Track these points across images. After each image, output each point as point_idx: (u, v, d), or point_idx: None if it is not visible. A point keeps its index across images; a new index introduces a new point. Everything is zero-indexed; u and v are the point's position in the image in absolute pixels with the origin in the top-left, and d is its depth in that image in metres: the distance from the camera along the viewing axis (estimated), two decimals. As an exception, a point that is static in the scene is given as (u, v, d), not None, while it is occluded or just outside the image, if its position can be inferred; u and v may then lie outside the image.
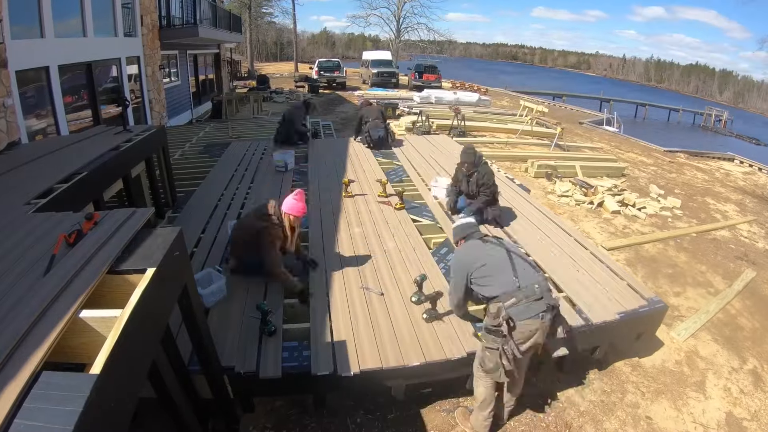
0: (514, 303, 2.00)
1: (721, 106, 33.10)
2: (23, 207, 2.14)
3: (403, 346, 2.34)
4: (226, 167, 5.45)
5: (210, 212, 4.04)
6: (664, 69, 69.87)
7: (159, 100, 8.69)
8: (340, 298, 2.77)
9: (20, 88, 4.59)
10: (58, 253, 1.44)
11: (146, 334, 1.33)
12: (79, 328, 1.22)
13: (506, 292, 2.03)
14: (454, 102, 13.47)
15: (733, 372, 3.03)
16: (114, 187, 3.24)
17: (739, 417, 2.64)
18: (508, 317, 1.96)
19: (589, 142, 10.79)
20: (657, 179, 7.92)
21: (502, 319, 1.97)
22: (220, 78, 14.90)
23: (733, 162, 11.09)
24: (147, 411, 1.56)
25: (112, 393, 1.05)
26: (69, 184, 2.52)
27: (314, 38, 66.47)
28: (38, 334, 1.11)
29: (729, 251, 5.11)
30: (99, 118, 6.28)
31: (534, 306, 1.99)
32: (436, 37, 28.74)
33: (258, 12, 31.07)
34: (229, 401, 2.05)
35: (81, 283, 1.31)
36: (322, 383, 2.18)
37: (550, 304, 2.02)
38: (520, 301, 2.00)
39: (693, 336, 3.38)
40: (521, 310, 1.99)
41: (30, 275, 1.36)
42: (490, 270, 2.12)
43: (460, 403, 2.49)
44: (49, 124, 5.19)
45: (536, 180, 6.94)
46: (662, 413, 2.60)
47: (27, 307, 1.21)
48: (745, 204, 7.22)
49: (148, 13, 8.16)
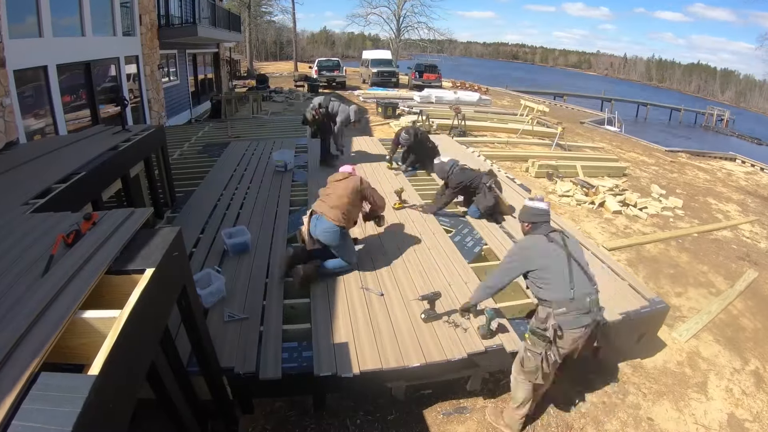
0: (563, 312, 2.00)
1: (723, 105, 33.00)
2: (21, 207, 2.13)
3: (403, 347, 2.33)
4: (225, 167, 5.44)
5: (209, 212, 4.04)
6: (665, 68, 69.76)
7: (158, 100, 8.69)
8: (340, 298, 2.76)
9: (18, 87, 4.59)
10: (56, 253, 1.43)
11: (145, 334, 1.32)
12: (78, 328, 1.21)
13: (558, 300, 2.02)
14: (455, 101, 13.46)
15: (735, 373, 3.02)
16: (113, 187, 3.23)
17: (741, 418, 2.63)
18: (557, 326, 1.99)
19: (590, 141, 10.77)
20: (658, 179, 7.90)
21: (551, 326, 1.99)
22: (219, 77, 14.89)
23: (735, 162, 11.05)
24: (146, 412, 1.55)
25: (111, 394, 1.04)
26: (67, 184, 2.51)
27: (314, 37, 66.50)
28: (36, 334, 1.10)
29: (731, 251, 5.09)
30: (97, 117, 6.29)
31: (582, 318, 2.01)
32: (437, 36, 28.70)
33: (257, 11, 31.03)
34: (228, 402, 2.04)
35: (79, 283, 1.30)
36: (322, 384, 2.17)
37: (596, 320, 2.04)
38: (569, 312, 2.00)
39: (695, 337, 3.36)
40: (569, 321, 2.00)
41: (28, 276, 1.36)
42: (549, 273, 2.07)
43: (460, 404, 2.48)
44: (47, 124, 5.20)
45: (537, 180, 6.92)
46: (664, 414, 2.59)
47: (25, 308, 1.20)
48: (747, 204, 7.19)
49: (147, 12, 8.15)
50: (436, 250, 3.45)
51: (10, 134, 4.36)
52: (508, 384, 2.65)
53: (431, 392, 2.51)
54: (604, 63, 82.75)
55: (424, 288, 2.87)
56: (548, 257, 2.09)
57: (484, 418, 2.41)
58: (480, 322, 2.51)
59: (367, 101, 14.12)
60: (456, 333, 2.46)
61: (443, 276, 3.08)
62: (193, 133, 7.72)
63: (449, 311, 2.63)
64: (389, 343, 2.36)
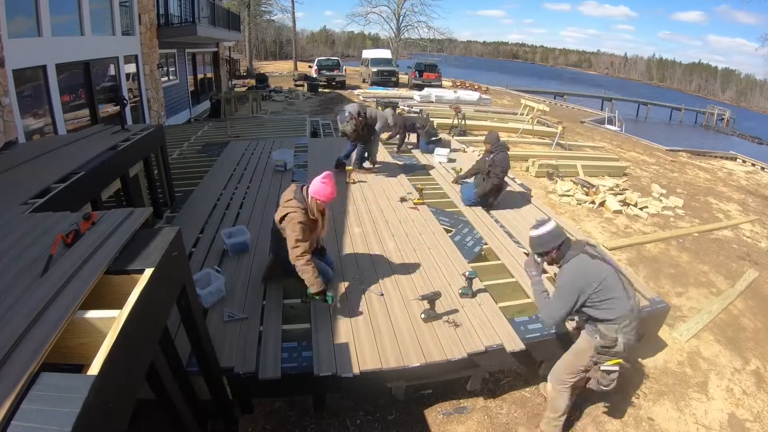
0: (628, 325, 1.98)
1: (724, 104, 32.95)
2: (20, 207, 2.12)
3: (403, 347, 2.33)
4: (224, 167, 5.43)
5: (209, 212, 4.03)
6: (666, 67, 69.68)
7: (157, 99, 8.67)
8: (340, 298, 2.75)
9: (17, 87, 4.58)
10: (55, 253, 1.43)
11: (145, 334, 1.32)
12: (77, 328, 1.21)
13: (623, 316, 1.98)
14: (455, 101, 13.45)
15: (736, 373, 3.01)
16: (112, 187, 3.22)
17: (741, 418, 2.62)
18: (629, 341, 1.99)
19: (590, 141, 10.76)
20: (659, 178, 7.89)
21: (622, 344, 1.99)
22: (219, 77, 14.86)
23: (736, 161, 11.04)
24: (145, 412, 1.55)
25: (110, 394, 1.04)
26: (66, 184, 2.50)
27: (314, 36, 66.24)
28: (36, 335, 1.10)
29: (731, 251, 5.08)
30: (97, 117, 6.28)
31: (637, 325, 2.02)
32: (437, 36, 28.64)
33: (257, 10, 30.96)
34: (228, 402, 2.04)
35: (79, 283, 1.30)
36: (323, 384, 2.17)
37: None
38: (632, 323, 1.99)
39: (695, 336, 3.36)
40: (632, 331, 2.00)
41: (27, 276, 1.35)
42: (608, 293, 1.98)
43: (460, 404, 2.48)
44: (46, 124, 5.18)
45: (537, 179, 6.91)
46: (664, 414, 2.58)
47: (24, 308, 1.20)
48: (747, 203, 7.18)
49: (147, 11, 8.13)
50: (436, 250, 3.45)
51: (9, 134, 4.35)
52: (508, 384, 2.65)
53: (431, 392, 2.51)
54: (604, 62, 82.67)
55: (424, 288, 2.87)
56: (600, 275, 1.99)
57: (490, 420, 2.39)
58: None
59: (367, 100, 14.09)
60: (456, 333, 2.46)
61: (443, 276, 3.07)
62: (192, 133, 7.71)
63: (449, 311, 2.62)
64: (389, 343, 2.35)
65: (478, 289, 2.85)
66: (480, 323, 2.54)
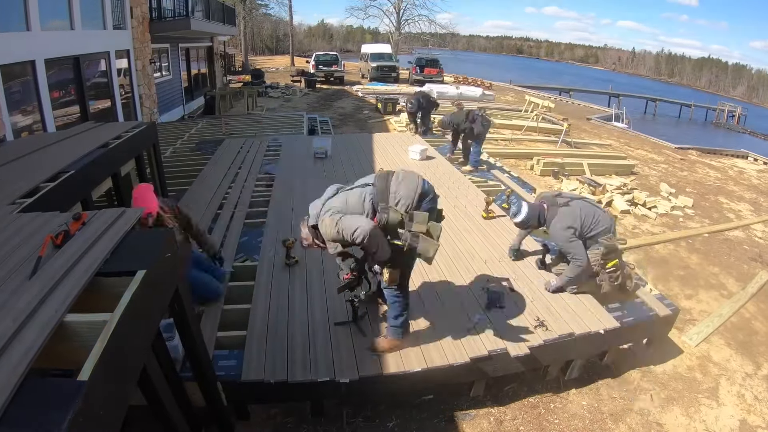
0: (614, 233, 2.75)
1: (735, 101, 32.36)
2: (8, 207, 2.07)
3: (403, 351, 2.27)
4: (219, 165, 5.35)
5: (202, 212, 3.96)
6: (675, 63, 68.62)
7: (149, 96, 8.48)
8: (339, 300, 2.70)
9: (5, 83, 4.47)
10: (44, 254, 1.39)
11: (136, 339, 1.29)
12: (67, 332, 1.18)
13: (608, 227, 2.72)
14: (457, 97, 13.28)
15: (747, 378, 2.94)
16: (103, 186, 3.15)
17: (753, 425, 2.55)
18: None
19: (597, 138, 10.60)
20: (668, 177, 7.75)
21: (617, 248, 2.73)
22: (213, 72, 14.54)
23: (747, 159, 10.83)
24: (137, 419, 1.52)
25: (101, 400, 1.02)
26: (56, 183, 2.45)
27: (311, 31, 63.96)
28: (24, 339, 1.07)
29: (743, 252, 4.98)
30: (87, 113, 6.15)
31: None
32: (438, 30, 28.19)
33: (253, 3, 30.26)
34: (222, 409, 1.99)
35: (68, 285, 1.27)
36: (320, 389, 2.12)
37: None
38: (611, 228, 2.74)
39: (705, 340, 3.28)
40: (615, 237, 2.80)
41: (15, 278, 1.32)
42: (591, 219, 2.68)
43: (463, 411, 2.43)
44: (35, 121, 5.06)
45: (542, 178, 6.82)
46: (673, 420, 2.52)
47: (12, 311, 1.17)
48: (759, 203, 7.03)
49: (139, 4, 7.90)
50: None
51: (-3, 131, 4.29)
52: (513, 391, 2.59)
53: (432, 398, 2.46)
54: (611, 57, 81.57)
55: (424, 287, 2.81)
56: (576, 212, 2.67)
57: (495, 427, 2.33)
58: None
59: (367, 97, 13.93)
60: (458, 337, 2.40)
61: (443, 275, 3.01)
62: (186, 130, 7.58)
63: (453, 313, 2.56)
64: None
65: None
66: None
